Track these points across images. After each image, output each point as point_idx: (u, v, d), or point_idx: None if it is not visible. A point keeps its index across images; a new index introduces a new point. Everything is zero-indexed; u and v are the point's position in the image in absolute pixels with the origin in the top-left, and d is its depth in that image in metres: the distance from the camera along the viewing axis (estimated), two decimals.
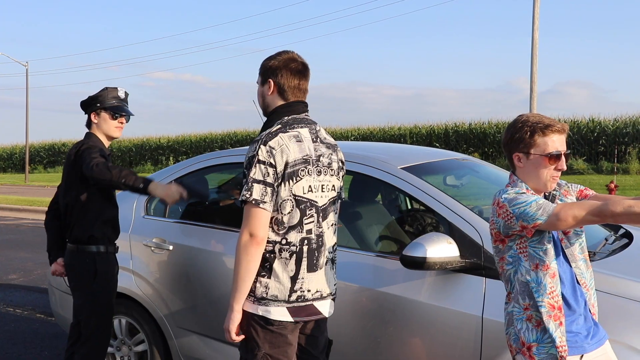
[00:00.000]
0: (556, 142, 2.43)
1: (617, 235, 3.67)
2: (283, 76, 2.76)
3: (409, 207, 4.60)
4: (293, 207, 2.64)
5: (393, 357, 3.22)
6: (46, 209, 4.01)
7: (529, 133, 2.44)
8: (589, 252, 2.64)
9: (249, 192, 2.57)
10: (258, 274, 2.64)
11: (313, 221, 2.69)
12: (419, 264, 2.94)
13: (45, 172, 48.20)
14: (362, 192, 4.39)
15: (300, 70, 2.80)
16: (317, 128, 2.81)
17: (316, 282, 2.72)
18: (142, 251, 4.03)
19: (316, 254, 2.71)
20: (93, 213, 3.60)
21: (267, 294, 2.64)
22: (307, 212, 2.68)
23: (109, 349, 4.24)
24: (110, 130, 3.69)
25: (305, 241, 2.68)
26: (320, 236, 2.72)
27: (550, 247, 2.39)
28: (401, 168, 3.50)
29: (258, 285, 2.65)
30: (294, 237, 2.66)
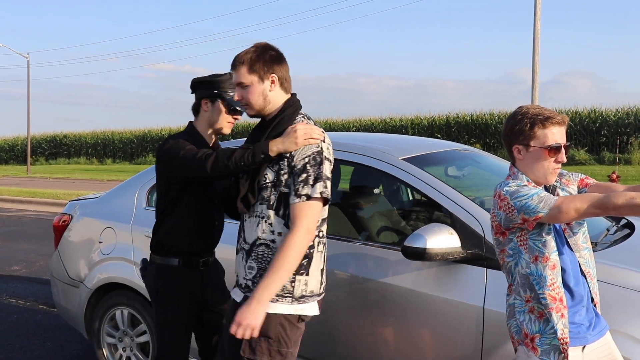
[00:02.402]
0: (556, 135, 2.42)
1: (619, 225, 3.67)
2: (282, 68, 2.66)
3: (410, 198, 4.60)
4: None
5: (394, 348, 3.23)
6: (48, 200, 3.83)
7: (528, 125, 2.43)
8: (591, 242, 2.64)
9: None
10: (296, 272, 2.54)
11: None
12: (420, 254, 2.94)
13: (47, 164, 48.29)
14: (363, 183, 4.40)
15: (284, 58, 2.71)
16: None
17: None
18: (144, 242, 4.03)
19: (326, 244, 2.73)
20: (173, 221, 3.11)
21: (306, 291, 2.59)
22: None
23: (111, 340, 4.26)
24: (223, 124, 3.07)
25: (323, 232, 2.68)
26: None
27: (549, 239, 2.38)
28: (402, 159, 3.49)
29: (297, 284, 2.56)
30: (324, 228, 2.67)
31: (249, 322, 2.44)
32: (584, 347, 2.42)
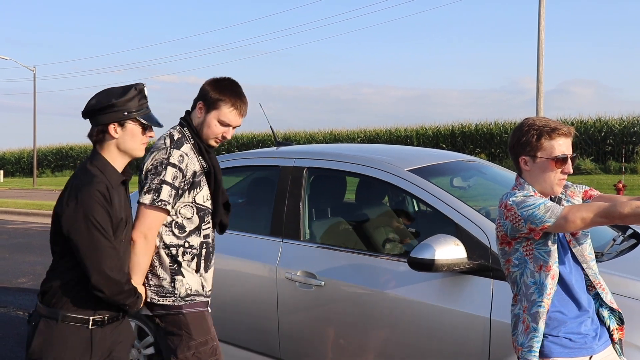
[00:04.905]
0: (562, 146, 2.44)
1: (625, 235, 3.67)
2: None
3: (416, 209, 4.60)
4: None
5: (400, 359, 3.22)
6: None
7: (535, 136, 2.44)
8: (597, 252, 2.64)
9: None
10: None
11: None
12: (427, 265, 2.95)
13: (53, 176, 48.39)
14: (369, 195, 4.41)
15: None
16: None
17: None
18: None
19: None
20: None
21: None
22: None
23: None
24: (136, 148, 2.67)
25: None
26: None
27: (554, 249, 2.39)
28: (408, 170, 3.50)
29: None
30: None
31: None
32: (590, 357, 2.42)
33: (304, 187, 3.77)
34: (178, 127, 2.97)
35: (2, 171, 45.86)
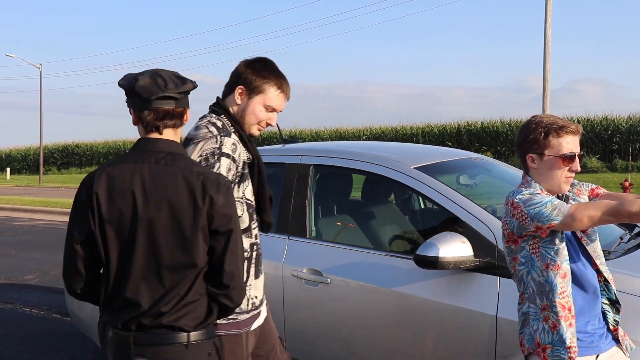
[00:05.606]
0: (570, 144, 2.43)
1: (632, 233, 3.66)
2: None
3: (423, 206, 4.60)
4: None
5: (407, 357, 3.22)
6: (60, 209, 3.61)
7: (543, 134, 2.43)
8: (604, 250, 2.64)
9: None
10: None
11: None
12: (433, 263, 2.94)
13: (59, 174, 48.57)
14: (375, 192, 4.41)
15: None
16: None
17: None
18: None
19: None
20: None
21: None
22: None
23: None
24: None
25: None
26: None
27: (562, 247, 2.38)
28: (414, 168, 3.50)
29: None
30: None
31: None
32: (597, 356, 2.41)
33: (310, 185, 3.77)
34: (214, 115, 2.59)
35: (8, 168, 46.07)
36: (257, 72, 2.61)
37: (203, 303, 2.12)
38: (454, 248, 2.96)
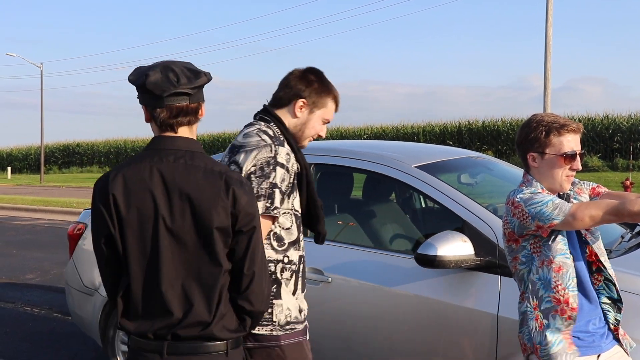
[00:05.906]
0: (571, 142, 2.42)
1: (634, 232, 3.65)
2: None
3: (424, 205, 4.60)
4: None
5: (408, 355, 3.22)
6: (61, 209, 3.61)
7: (544, 133, 2.43)
8: (605, 249, 2.63)
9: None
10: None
11: None
12: (434, 262, 2.94)
13: (60, 173, 48.62)
14: (376, 191, 4.40)
15: None
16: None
17: None
18: None
19: None
20: None
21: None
22: None
23: (126, 348, 4.27)
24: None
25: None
26: None
27: (561, 245, 2.38)
28: (415, 166, 3.50)
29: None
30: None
31: None
32: (598, 356, 2.41)
33: None
34: (263, 123, 2.53)
35: (9, 168, 46.10)
36: (319, 88, 2.59)
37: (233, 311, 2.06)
38: (455, 247, 2.96)
